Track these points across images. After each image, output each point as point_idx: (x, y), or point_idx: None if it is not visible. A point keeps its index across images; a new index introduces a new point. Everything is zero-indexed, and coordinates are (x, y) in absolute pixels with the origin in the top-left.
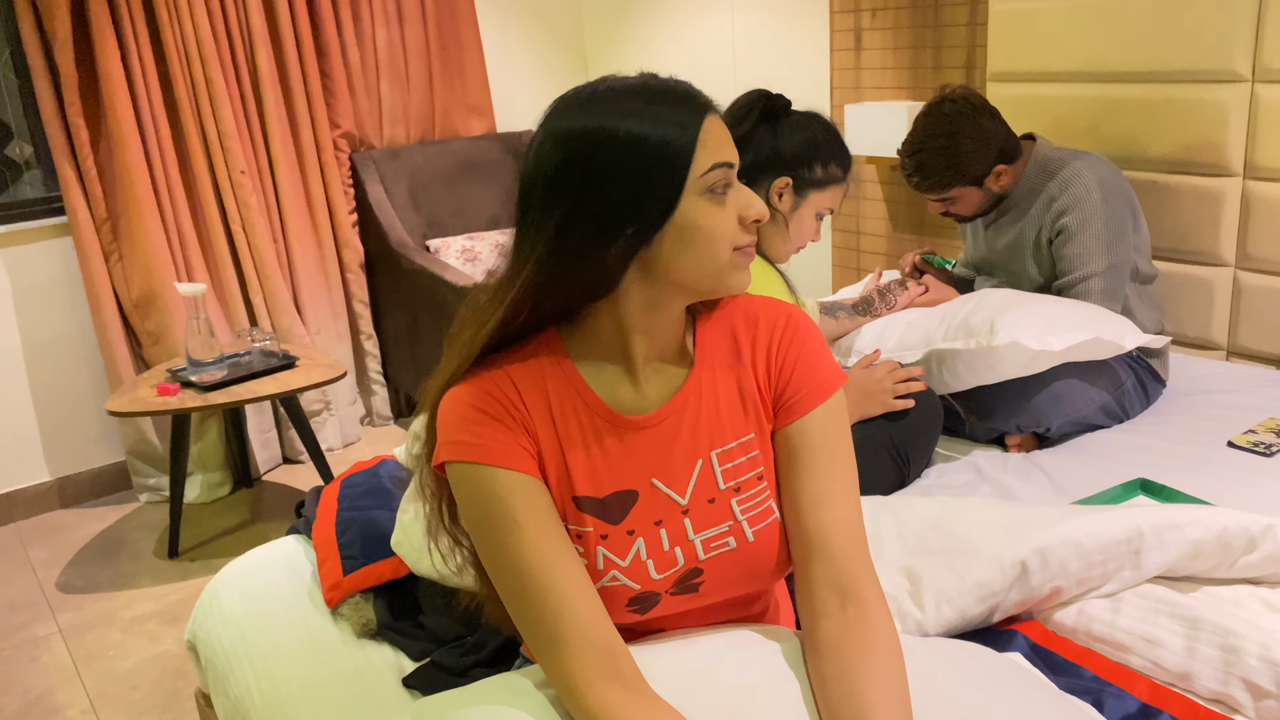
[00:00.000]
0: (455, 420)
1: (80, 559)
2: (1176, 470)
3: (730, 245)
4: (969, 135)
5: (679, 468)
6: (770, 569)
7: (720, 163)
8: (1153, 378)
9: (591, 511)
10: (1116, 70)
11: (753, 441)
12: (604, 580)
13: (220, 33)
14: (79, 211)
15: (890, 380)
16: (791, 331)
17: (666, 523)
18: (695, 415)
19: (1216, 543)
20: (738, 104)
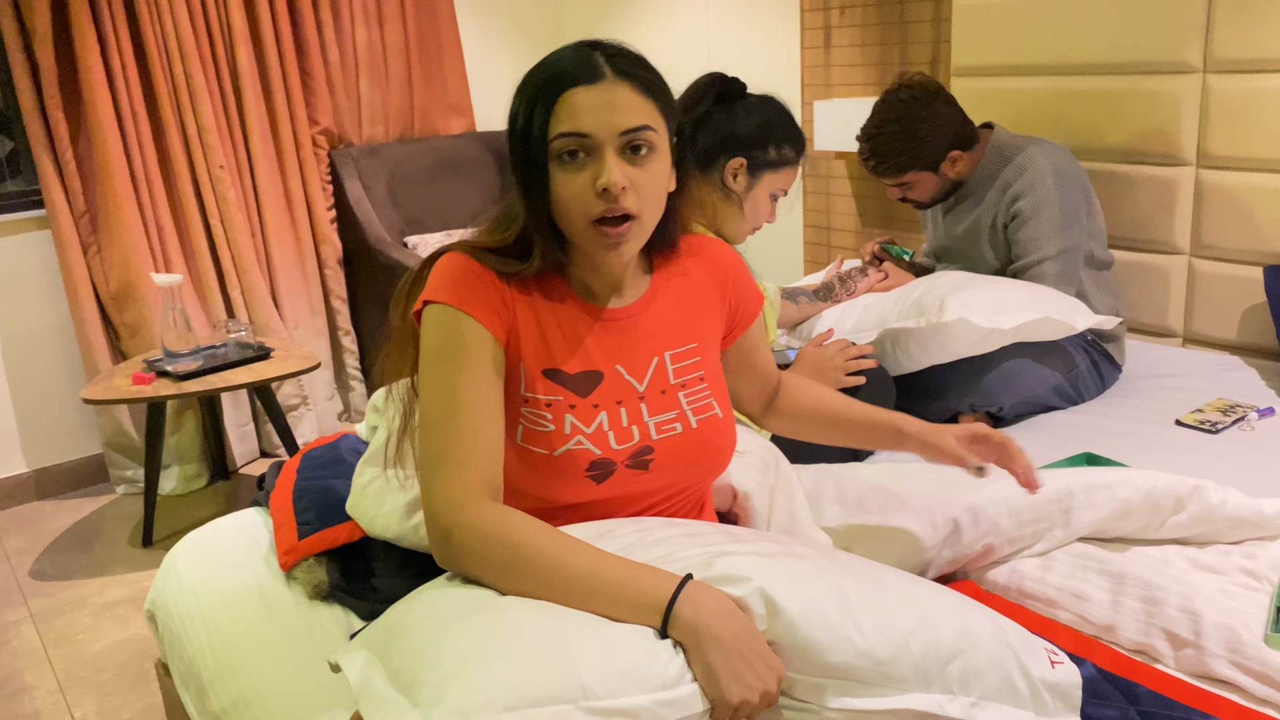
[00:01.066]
0: (445, 272)
1: (55, 548)
2: (1125, 448)
3: (584, 214)
4: (924, 121)
5: (638, 360)
6: (710, 455)
7: (567, 132)
8: (1108, 362)
9: (564, 384)
10: (1075, 63)
11: (696, 349)
12: (569, 444)
13: (200, 29)
14: (58, 204)
15: (841, 358)
16: (727, 263)
17: (626, 403)
18: (653, 320)
19: (1145, 502)
20: (693, 87)
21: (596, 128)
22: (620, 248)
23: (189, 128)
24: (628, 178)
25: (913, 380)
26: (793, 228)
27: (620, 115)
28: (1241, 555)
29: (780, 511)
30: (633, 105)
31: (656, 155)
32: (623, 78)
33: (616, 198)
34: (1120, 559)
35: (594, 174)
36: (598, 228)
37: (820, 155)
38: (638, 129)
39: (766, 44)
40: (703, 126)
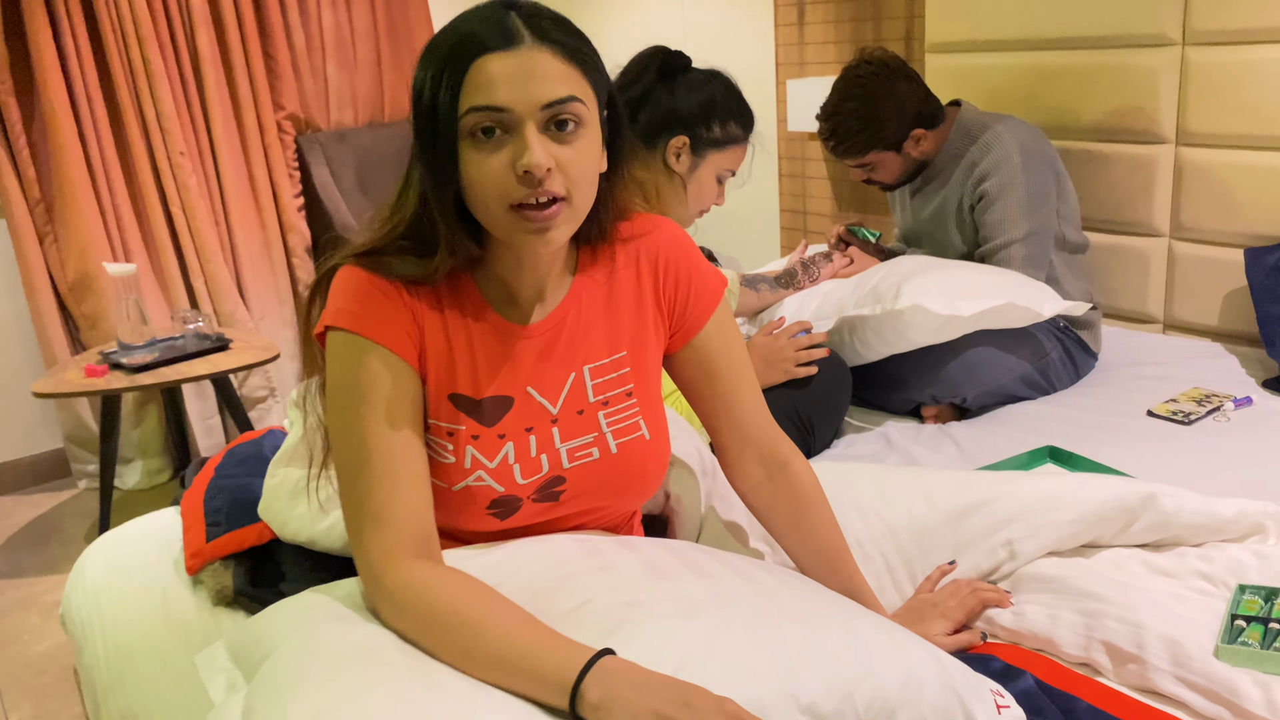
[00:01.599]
0: (345, 290)
1: (10, 545)
2: (1092, 440)
3: (501, 199)
4: (884, 98)
5: (553, 378)
6: (629, 483)
7: (480, 105)
8: (1082, 350)
9: (467, 410)
10: (1050, 37)
11: (624, 359)
12: (469, 480)
13: (159, 12)
14: (11, 193)
15: (792, 348)
16: (669, 250)
17: (536, 429)
18: (571, 331)
19: (1093, 520)
20: (634, 61)
21: (514, 100)
22: (548, 234)
23: (147, 113)
24: (553, 157)
25: (873, 370)
26: (767, 211)
27: (542, 85)
28: (1198, 558)
29: (713, 520)
30: (556, 74)
31: (585, 131)
32: (543, 42)
33: (540, 181)
34: (1059, 571)
35: (513, 154)
36: (519, 212)
37: (794, 136)
38: (562, 101)
39: (741, 22)
40: (644, 103)
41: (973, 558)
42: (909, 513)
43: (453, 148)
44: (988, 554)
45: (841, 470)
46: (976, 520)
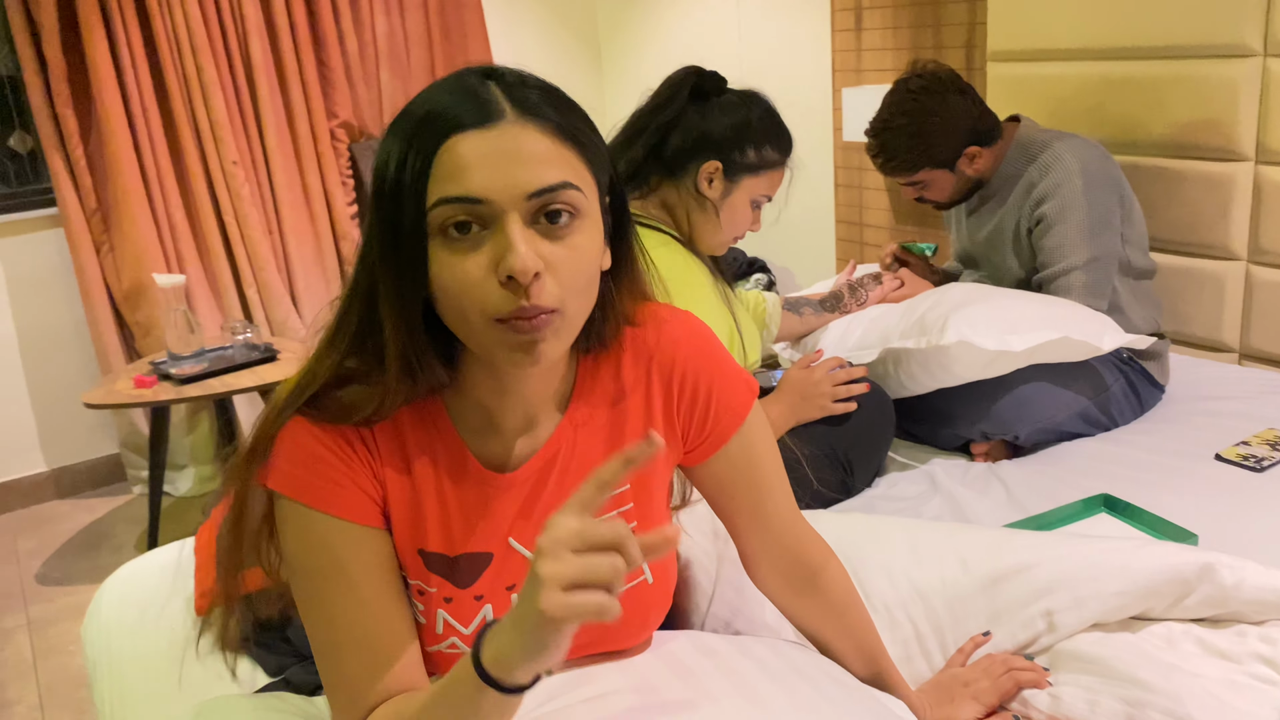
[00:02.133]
0: (290, 451)
1: (64, 551)
2: (1153, 485)
3: (482, 311)
4: (936, 114)
5: (540, 526)
6: (629, 633)
7: (451, 196)
8: (1147, 382)
9: (439, 570)
10: (1120, 46)
11: (627, 494)
12: (441, 645)
13: (212, 22)
14: (69, 203)
15: (829, 382)
16: (688, 361)
17: (519, 587)
18: (564, 470)
19: (1143, 593)
20: (666, 83)
21: (493, 188)
22: (536, 349)
23: (201, 123)
24: (542, 257)
25: (920, 403)
26: (823, 223)
27: (527, 170)
28: (1259, 638)
29: (727, 584)
30: (545, 155)
31: (583, 224)
32: (529, 117)
33: (527, 289)
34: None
35: (494, 254)
36: (505, 324)
37: (850, 146)
38: (553, 189)
39: (797, 28)
40: (675, 127)
41: (1009, 628)
42: (941, 576)
43: (419, 247)
44: (1025, 625)
45: (872, 526)
46: (1014, 587)
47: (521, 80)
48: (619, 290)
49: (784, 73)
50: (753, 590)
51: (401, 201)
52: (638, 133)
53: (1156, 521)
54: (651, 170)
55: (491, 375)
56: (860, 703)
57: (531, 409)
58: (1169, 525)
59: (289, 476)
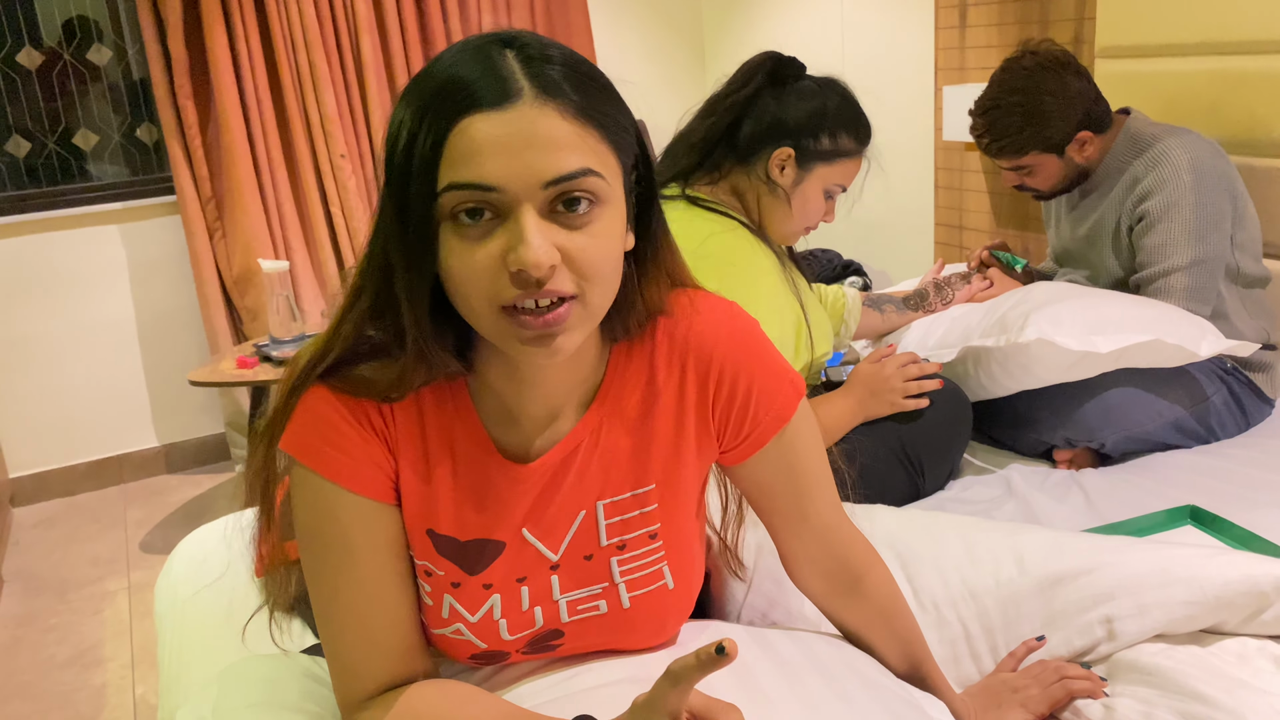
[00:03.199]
0: (309, 422)
1: (168, 522)
2: (1249, 502)
3: (488, 299)
4: (1050, 93)
5: (556, 519)
6: (643, 637)
7: (462, 182)
8: (1254, 395)
9: (448, 554)
10: (1239, 40)
11: (651, 494)
12: (446, 630)
13: (325, 19)
14: (186, 190)
15: (900, 378)
16: (727, 355)
17: (531, 579)
18: (586, 461)
19: (1214, 604)
20: (744, 66)
21: (507, 176)
22: (553, 342)
23: (311, 116)
24: (559, 248)
25: (1002, 406)
26: (922, 224)
27: (544, 157)
28: None
29: (765, 575)
30: (564, 140)
31: (603, 211)
32: (548, 97)
33: (540, 282)
34: (1169, 655)
35: (505, 244)
36: (513, 317)
37: (951, 145)
38: (572, 176)
39: (901, 25)
40: (749, 111)
41: (1064, 634)
42: (996, 576)
43: (428, 230)
44: (1082, 631)
45: (928, 522)
46: (1073, 591)
47: (542, 51)
48: (644, 274)
49: (886, 71)
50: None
51: (410, 182)
52: (711, 115)
53: (1246, 536)
54: (724, 155)
55: (507, 365)
56: (882, 702)
57: (554, 401)
58: (1259, 540)
59: (304, 442)
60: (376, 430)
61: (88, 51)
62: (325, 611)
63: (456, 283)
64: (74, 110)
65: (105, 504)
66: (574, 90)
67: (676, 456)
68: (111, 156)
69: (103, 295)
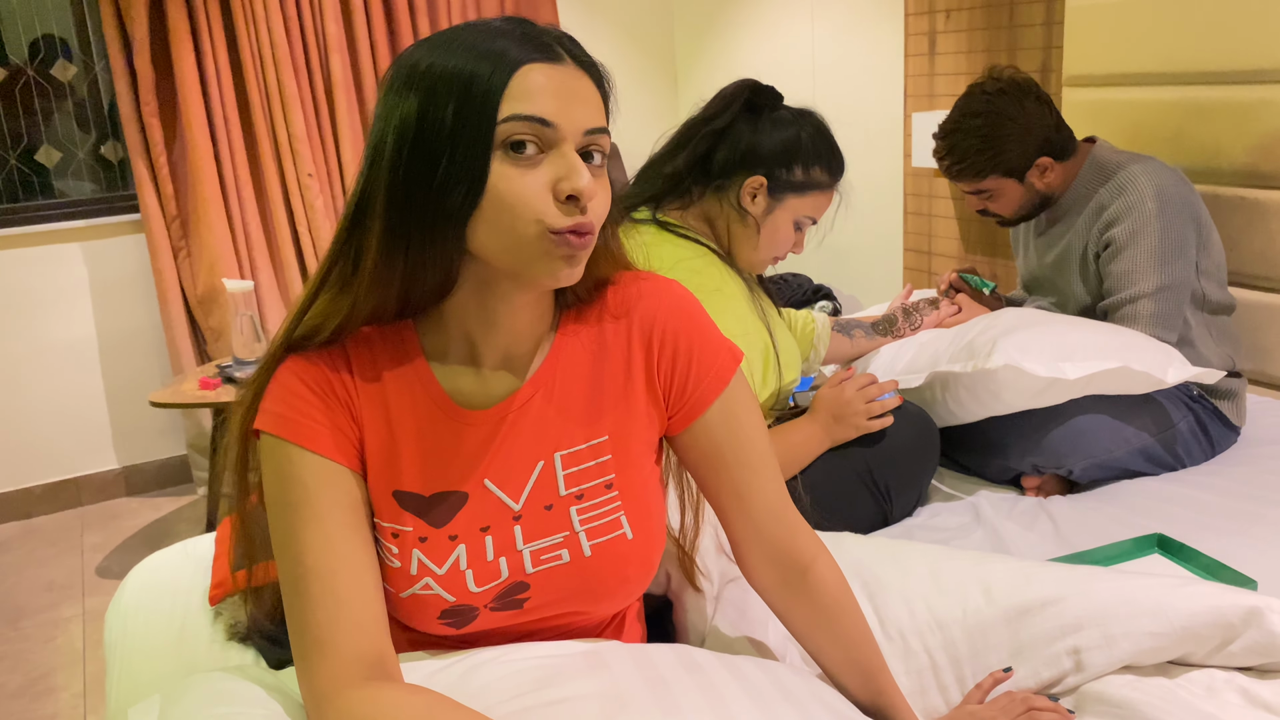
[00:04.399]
0: (276, 386)
1: (126, 546)
2: (1216, 530)
3: (536, 221)
4: (1010, 118)
5: (516, 468)
6: (607, 590)
7: (524, 114)
8: (1220, 422)
9: (413, 509)
10: (1202, 70)
11: (605, 445)
12: (415, 587)
13: (295, 38)
14: (150, 208)
15: (861, 399)
16: (669, 320)
17: (494, 529)
18: (542, 411)
19: (1181, 635)
20: (720, 93)
21: (561, 116)
22: (578, 259)
23: (280, 135)
24: None
25: (970, 432)
26: (891, 250)
27: (585, 109)
28: None
29: (729, 604)
30: (595, 101)
31: (605, 169)
32: (581, 65)
33: (584, 208)
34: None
35: (554, 174)
36: (558, 237)
37: (920, 172)
38: (602, 130)
39: (871, 52)
40: (724, 138)
41: (1032, 665)
42: (963, 605)
43: (484, 157)
44: (1050, 662)
45: (895, 550)
46: (1040, 621)
47: (567, 35)
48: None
49: (856, 96)
50: (756, 610)
51: (468, 115)
52: (686, 141)
53: (1213, 565)
54: (695, 180)
55: (481, 305)
56: None
57: (513, 346)
58: (1226, 570)
59: (267, 414)
60: (339, 397)
61: (52, 67)
62: (293, 581)
63: (506, 207)
64: (37, 127)
65: (62, 527)
66: (593, 68)
67: (627, 411)
68: (75, 174)
69: (63, 314)
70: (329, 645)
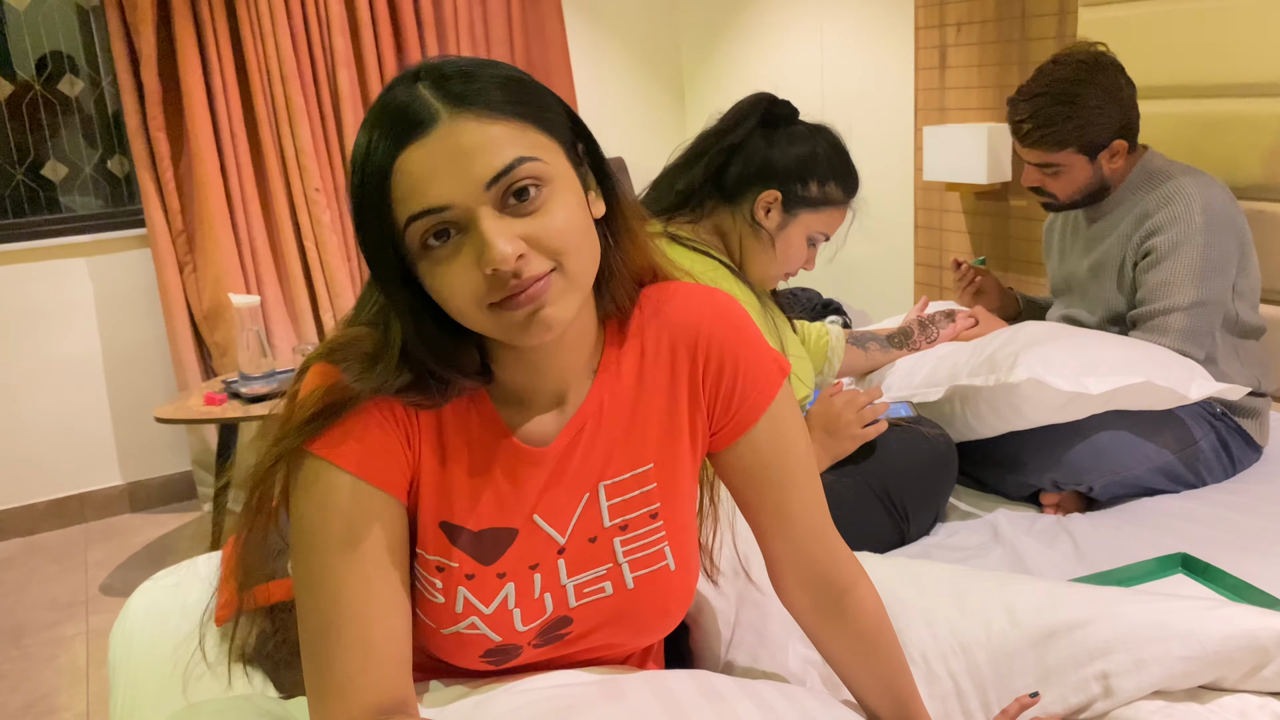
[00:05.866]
0: (322, 396)
1: (130, 563)
2: (1240, 549)
3: (478, 304)
4: (1102, 88)
5: (563, 502)
6: (648, 623)
7: (417, 212)
8: (1243, 441)
9: (463, 546)
10: (1218, 83)
11: (650, 473)
12: (460, 626)
13: (303, 52)
14: (157, 223)
15: (851, 409)
16: (715, 331)
17: (542, 566)
18: (590, 443)
19: (1214, 659)
20: (736, 107)
21: (452, 192)
22: (542, 313)
23: (286, 150)
24: (521, 239)
25: (989, 448)
26: (902, 264)
27: (476, 162)
28: None
29: (746, 628)
30: (491, 140)
31: (554, 189)
32: (462, 108)
33: (516, 273)
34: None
35: (474, 253)
36: (500, 310)
37: (931, 186)
38: (508, 170)
39: (881, 67)
40: (738, 152)
41: (1059, 690)
42: (987, 628)
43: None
44: (1077, 687)
45: (916, 572)
46: (1067, 645)
47: (449, 72)
48: (619, 239)
49: (866, 110)
50: (774, 635)
51: (377, 233)
52: (700, 154)
53: (1239, 585)
54: (709, 193)
55: (518, 355)
56: None
57: (563, 383)
58: (1253, 590)
59: (328, 439)
60: (399, 420)
61: (59, 82)
62: (320, 622)
63: (446, 302)
64: (44, 142)
65: (66, 544)
66: (483, 94)
67: (672, 435)
68: (81, 188)
69: (69, 329)
70: (352, 691)
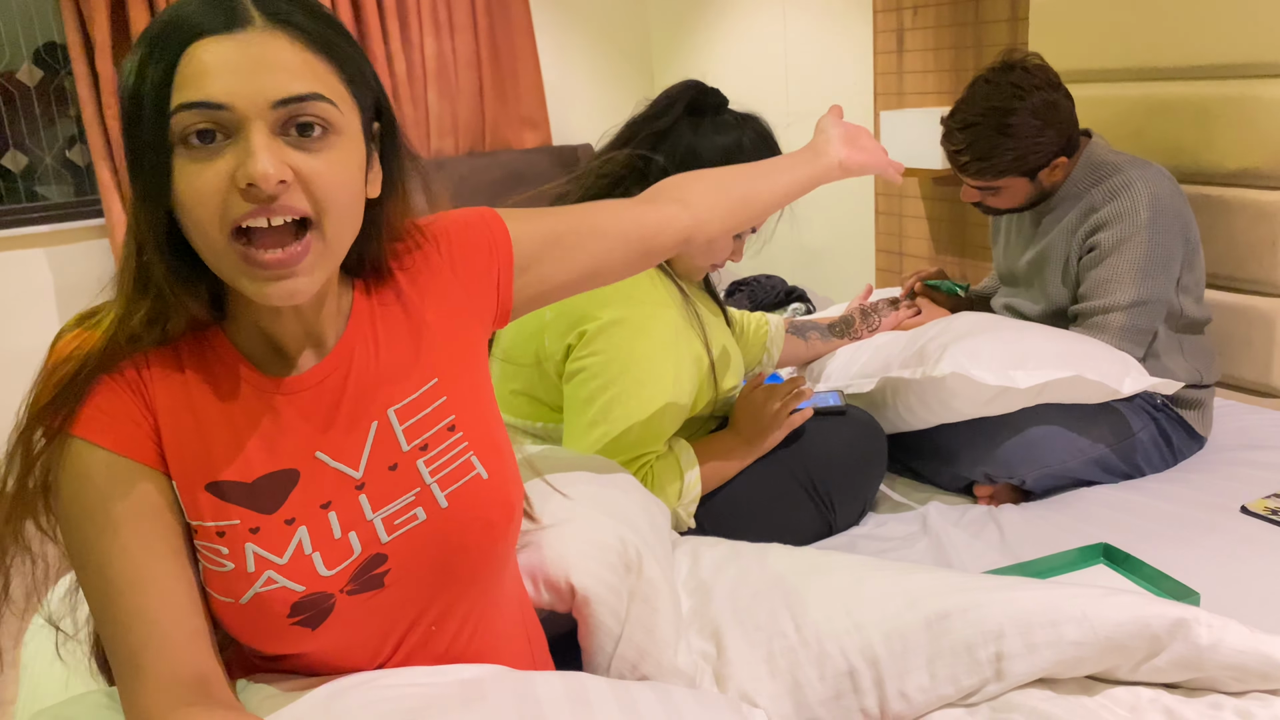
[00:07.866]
0: (54, 373)
1: None
2: (1167, 539)
3: (220, 221)
4: (1039, 115)
5: (348, 435)
6: (471, 541)
7: (191, 101)
8: (1184, 432)
9: (238, 500)
10: (1165, 66)
11: (437, 387)
12: (257, 585)
13: None
14: (115, 213)
15: (773, 398)
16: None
17: (337, 504)
18: (361, 372)
19: (1105, 645)
20: (663, 94)
21: (235, 94)
22: (291, 281)
23: None
24: (293, 167)
25: (923, 438)
26: (863, 250)
27: (273, 77)
28: (1235, 711)
29: (636, 624)
30: (295, 65)
31: (339, 141)
32: (279, 25)
33: (271, 197)
34: (1055, 703)
35: (235, 162)
36: (247, 247)
37: None
38: (302, 98)
39: (841, 50)
40: (664, 140)
41: (951, 670)
42: (883, 610)
43: (163, 159)
44: (970, 669)
45: (818, 562)
46: (960, 625)
47: None
48: (388, 216)
49: (828, 95)
50: (662, 632)
51: (142, 110)
52: (627, 141)
53: (1157, 576)
54: (634, 181)
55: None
56: None
57: (312, 324)
58: (1170, 581)
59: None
60: (126, 380)
61: (18, 71)
62: (98, 601)
63: (188, 207)
64: (3, 132)
65: None
66: (306, 22)
67: (451, 340)
68: (43, 179)
69: (28, 320)
70: (143, 668)
